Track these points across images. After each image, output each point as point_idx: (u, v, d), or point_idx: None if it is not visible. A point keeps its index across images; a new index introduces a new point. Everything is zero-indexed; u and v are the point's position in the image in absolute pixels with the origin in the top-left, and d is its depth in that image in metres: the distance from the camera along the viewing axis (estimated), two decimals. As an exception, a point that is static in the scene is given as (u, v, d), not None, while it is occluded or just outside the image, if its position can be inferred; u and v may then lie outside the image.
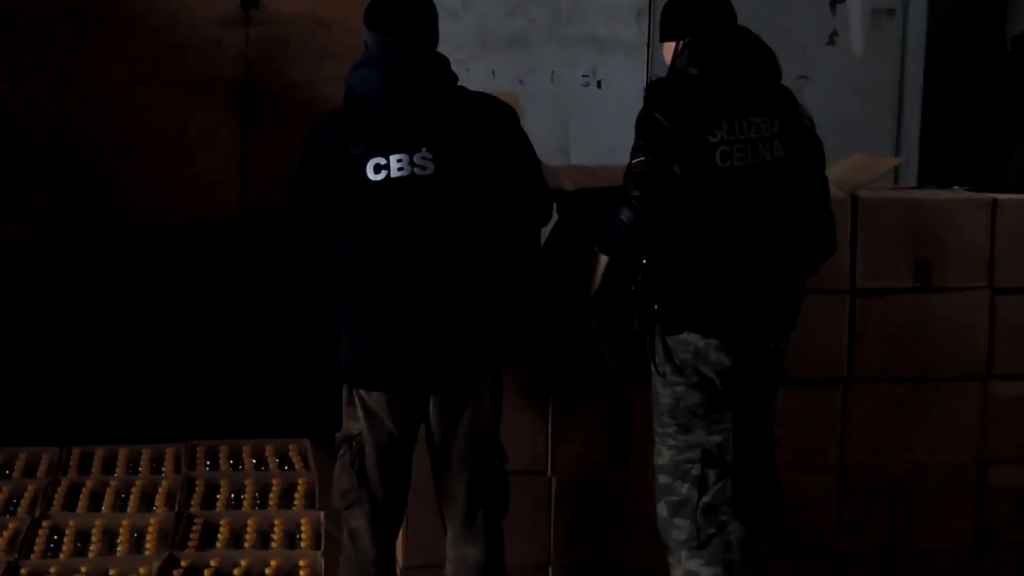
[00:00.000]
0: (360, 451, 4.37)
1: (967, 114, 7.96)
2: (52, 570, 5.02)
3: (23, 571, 5.00)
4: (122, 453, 6.16)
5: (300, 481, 5.79)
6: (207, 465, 6.05)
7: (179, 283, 8.12)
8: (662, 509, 4.60)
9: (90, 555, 5.21)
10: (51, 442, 6.29)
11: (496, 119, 4.42)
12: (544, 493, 5.09)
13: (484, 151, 4.34)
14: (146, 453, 6.16)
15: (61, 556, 5.20)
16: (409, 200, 4.27)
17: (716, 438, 4.53)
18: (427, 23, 4.38)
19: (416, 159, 4.28)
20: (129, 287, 8.10)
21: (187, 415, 7.02)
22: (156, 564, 4.99)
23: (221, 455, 6.14)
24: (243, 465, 6.06)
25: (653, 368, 4.57)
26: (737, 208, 4.42)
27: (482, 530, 4.45)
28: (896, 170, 6.84)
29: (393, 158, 4.27)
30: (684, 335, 4.45)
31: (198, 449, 6.17)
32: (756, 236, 4.44)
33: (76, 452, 6.16)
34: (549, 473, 5.10)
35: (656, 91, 4.51)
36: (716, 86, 4.43)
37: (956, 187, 5.59)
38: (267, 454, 6.15)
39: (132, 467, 6.05)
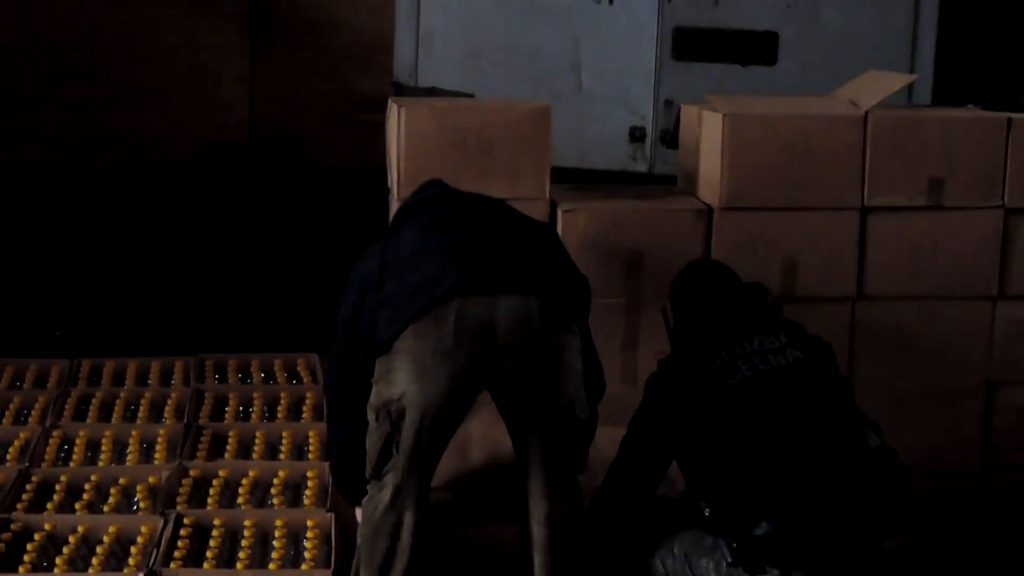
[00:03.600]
0: None
1: (983, 33, 7.91)
2: (63, 478, 5.04)
3: (34, 479, 5.02)
4: (131, 366, 6.18)
5: (308, 395, 5.80)
6: (216, 378, 6.06)
7: (189, 201, 8.12)
8: None
9: (100, 464, 5.23)
10: (61, 356, 6.31)
11: None
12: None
13: None
14: (155, 366, 6.17)
15: (71, 465, 5.22)
16: None
17: None
18: None
19: None
20: (139, 205, 8.09)
21: (196, 330, 7.03)
22: (165, 473, 5.01)
23: (230, 369, 6.15)
24: (251, 379, 6.07)
25: None
26: (765, 416, 4.19)
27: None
28: (910, 88, 6.80)
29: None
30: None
31: (207, 363, 6.19)
32: (802, 442, 4.16)
33: (86, 364, 6.18)
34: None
35: (659, 364, 4.49)
36: (704, 327, 4.39)
37: (971, 106, 5.56)
38: (275, 368, 6.16)
39: (141, 380, 6.07)
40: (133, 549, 4.55)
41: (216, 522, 4.73)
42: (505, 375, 4.18)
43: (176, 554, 4.47)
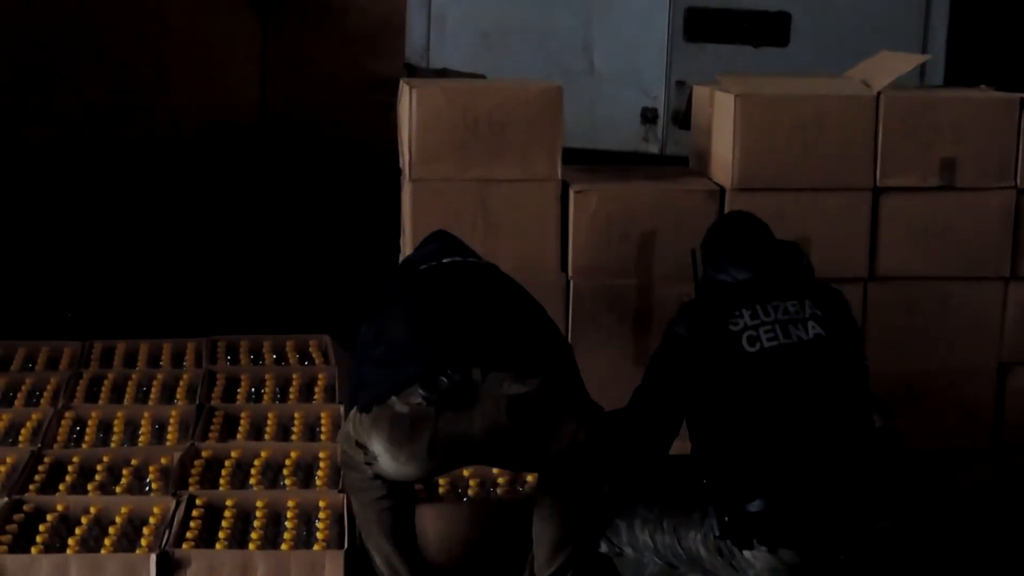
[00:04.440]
0: None
1: (996, 13, 7.89)
2: (75, 459, 5.04)
3: (47, 460, 5.02)
4: (143, 347, 6.18)
5: (320, 376, 5.80)
6: (228, 360, 6.06)
7: (200, 182, 8.13)
8: None
9: (112, 445, 5.24)
10: (73, 337, 6.31)
11: None
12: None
13: None
14: (167, 347, 6.17)
15: (84, 446, 5.23)
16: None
17: None
18: None
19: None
20: (150, 186, 8.10)
21: (208, 311, 7.04)
22: (177, 454, 5.01)
23: (242, 350, 6.14)
24: (263, 360, 6.07)
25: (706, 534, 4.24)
26: (779, 392, 4.18)
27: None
28: (923, 69, 6.79)
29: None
30: (753, 551, 4.12)
31: (219, 344, 6.18)
32: (810, 423, 4.15)
33: (98, 346, 6.18)
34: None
35: (682, 307, 4.44)
36: (734, 283, 4.33)
37: (983, 86, 5.55)
38: (288, 349, 6.16)
39: (153, 361, 6.07)
40: (145, 530, 4.55)
41: (228, 503, 4.73)
42: (486, 463, 4.35)
43: (188, 534, 4.48)
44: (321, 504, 4.73)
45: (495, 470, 4.86)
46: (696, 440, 4.28)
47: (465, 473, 4.94)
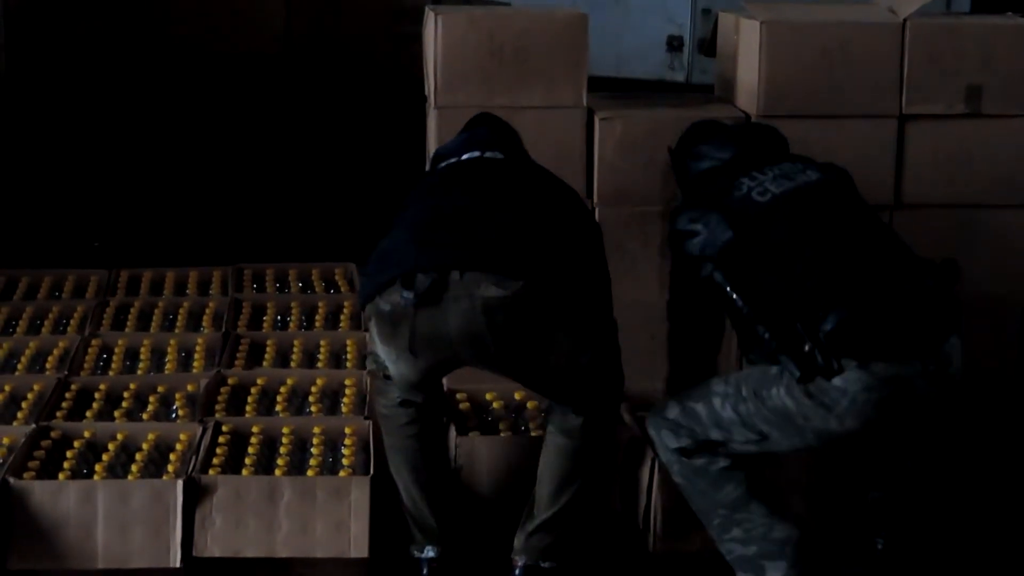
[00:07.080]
0: None
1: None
2: (102, 386, 5.08)
3: (74, 387, 5.06)
4: (169, 276, 6.20)
5: (346, 304, 5.83)
6: (254, 288, 6.08)
7: (225, 112, 8.13)
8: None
9: (139, 372, 5.27)
10: (100, 266, 6.33)
11: None
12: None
13: None
14: (193, 276, 6.19)
15: (110, 373, 5.26)
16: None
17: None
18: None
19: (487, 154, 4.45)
20: (175, 116, 8.11)
21: (234, 239, 7.06)
22: (204, 381, 5.04)
23: (267, 278, 6.17)
24: (289, 288, 6.09)
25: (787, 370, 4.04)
26: (809, 222, 4.16)
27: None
28: (949, -5, 6.76)
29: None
30: (843, 375, 3.95)
31: (245, 272, 6.21)
32: (854, 242, 4.12)
33: (124, 275, 6.21)
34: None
35: (673, 210, 4.42)
36: (720, 164, 4.34)
37: (1010, 13, 5.51)
38: (313, 277, 6.18)
39: (179, 289, 6.10)
40: (172, 456, 4.59)
41: (254, 429, 4.77)
42: (484, 367, 4.29)
43: (215, 461, 4.51)
44: (347, 431, 4.76)
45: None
46: (738, 318, 4.18)
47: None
